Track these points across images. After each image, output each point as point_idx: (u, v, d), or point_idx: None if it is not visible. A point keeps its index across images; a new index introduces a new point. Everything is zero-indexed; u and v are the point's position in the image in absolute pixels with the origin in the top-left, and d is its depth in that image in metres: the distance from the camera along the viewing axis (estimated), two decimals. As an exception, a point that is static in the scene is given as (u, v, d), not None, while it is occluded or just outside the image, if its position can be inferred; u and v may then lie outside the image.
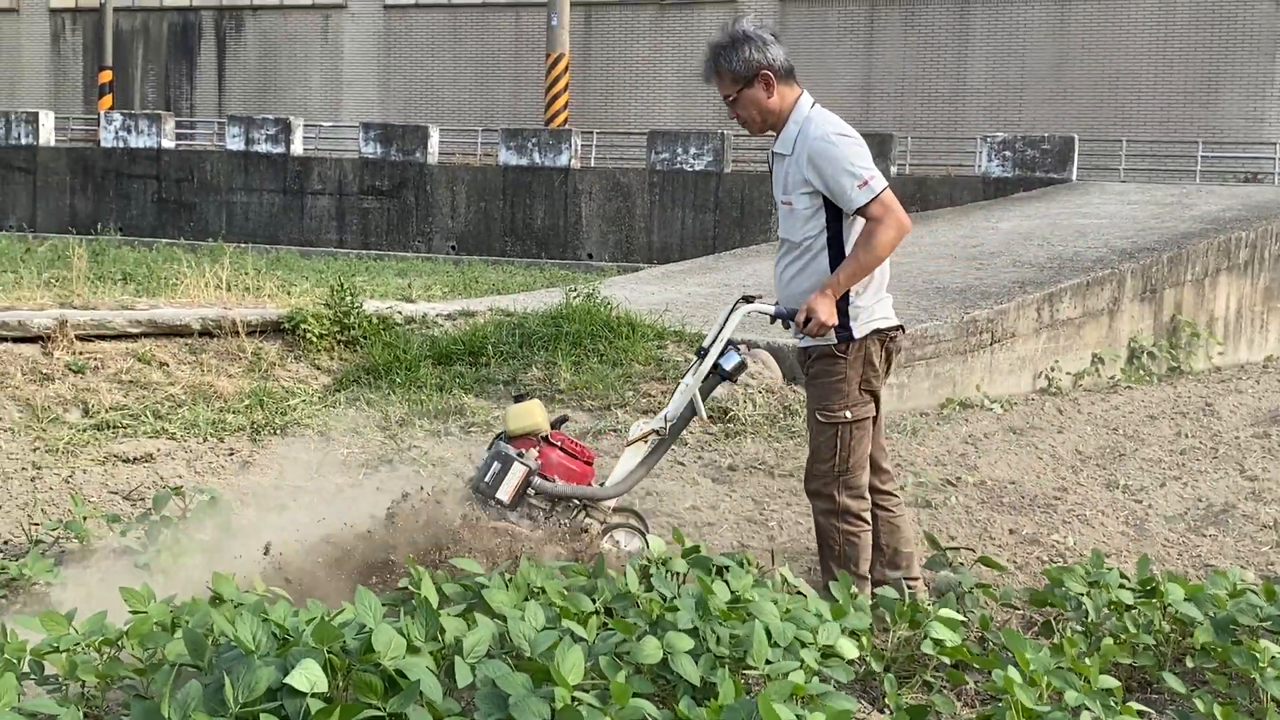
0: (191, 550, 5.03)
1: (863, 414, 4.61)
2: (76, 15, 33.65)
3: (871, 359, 4.61)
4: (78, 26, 33.66)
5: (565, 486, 4.93)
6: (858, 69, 26.98)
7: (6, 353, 7.97)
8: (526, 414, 5.07)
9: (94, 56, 32.55)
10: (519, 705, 2.87)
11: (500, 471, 4.87)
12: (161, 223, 23.93)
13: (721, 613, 3.39)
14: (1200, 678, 3.95)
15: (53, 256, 14.91)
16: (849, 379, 4.58)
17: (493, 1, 29.89)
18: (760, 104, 4.68)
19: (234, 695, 2.82)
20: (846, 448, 4.59)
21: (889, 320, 4.68)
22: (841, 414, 4.58)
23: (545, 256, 21.24)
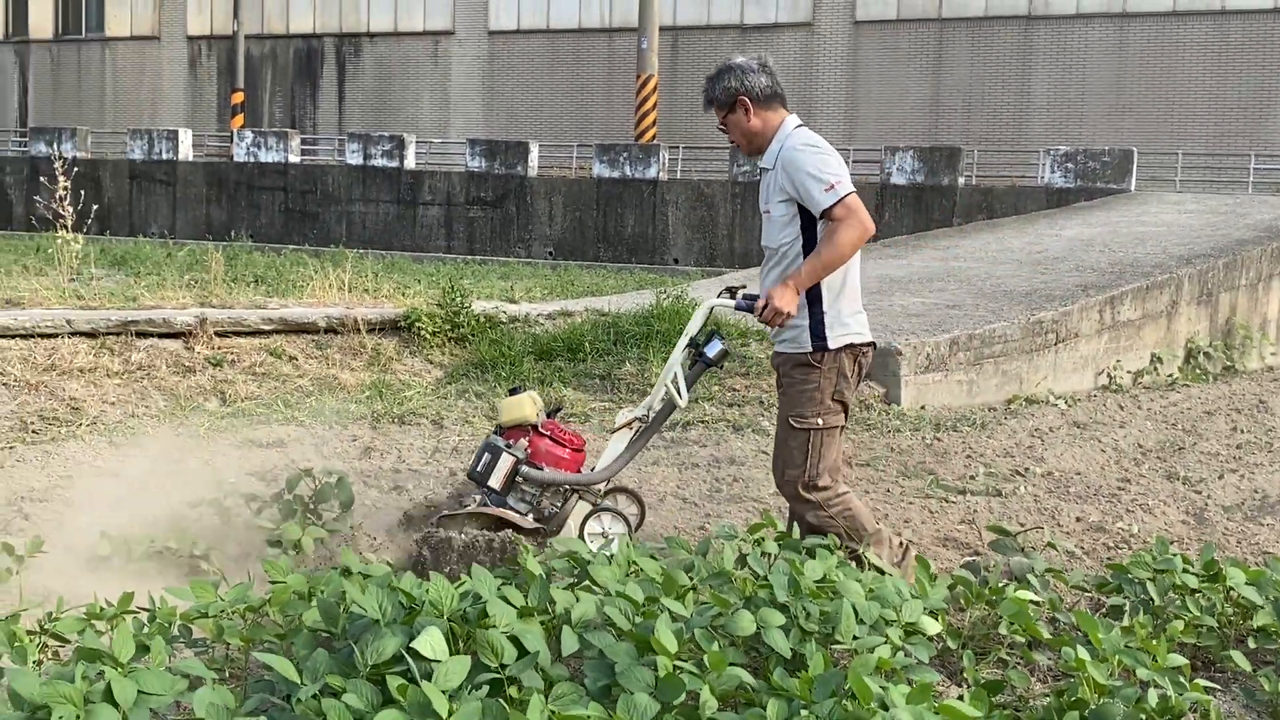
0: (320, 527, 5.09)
1: (833, 422, 4.52)
2: (211, 42, 34.27)
3: (844, 370, 4.51)
4: (212, 52, 34.28)
5: (551, 473, 4.95)
6: (927, 86, 26.68)
7: (153, 347, 8.13)
8: (517, 407, 5.09)
9: (227, 79, 33.14)
10: (625, 673, 2.87)
11: (490, 462, 4.94)
12: (288, 230, 24.30)
13: (811, 591, 3.37)
14: (1262, 658, 3.85)
15: (191, 260, 15.17)
16: (822, 388, 4.49)
17: (588, 27, 29.97)
18: (742, 127, 4.64)
19: (363, 659, 2.85)
20: (817, 453, 4.51)
21: (863, 336, 4.56)
22: (814, 420, 4.49)
23: (635, 261, 21.26)
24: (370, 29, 32.42)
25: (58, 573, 4.48)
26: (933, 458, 6.91)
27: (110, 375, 7.79)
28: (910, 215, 19.49)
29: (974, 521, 5.69)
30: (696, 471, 6.60)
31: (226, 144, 27.48)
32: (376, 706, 2.69)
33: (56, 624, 3.36)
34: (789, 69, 27.56)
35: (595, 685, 2.92)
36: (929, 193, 19.60)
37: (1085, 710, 3.08)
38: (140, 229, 24.82)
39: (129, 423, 7.21)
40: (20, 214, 25.96)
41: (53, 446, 6.72)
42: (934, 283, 11.25)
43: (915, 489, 6.29)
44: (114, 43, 35.47)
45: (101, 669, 2.74)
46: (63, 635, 3.39)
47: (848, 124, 27.04)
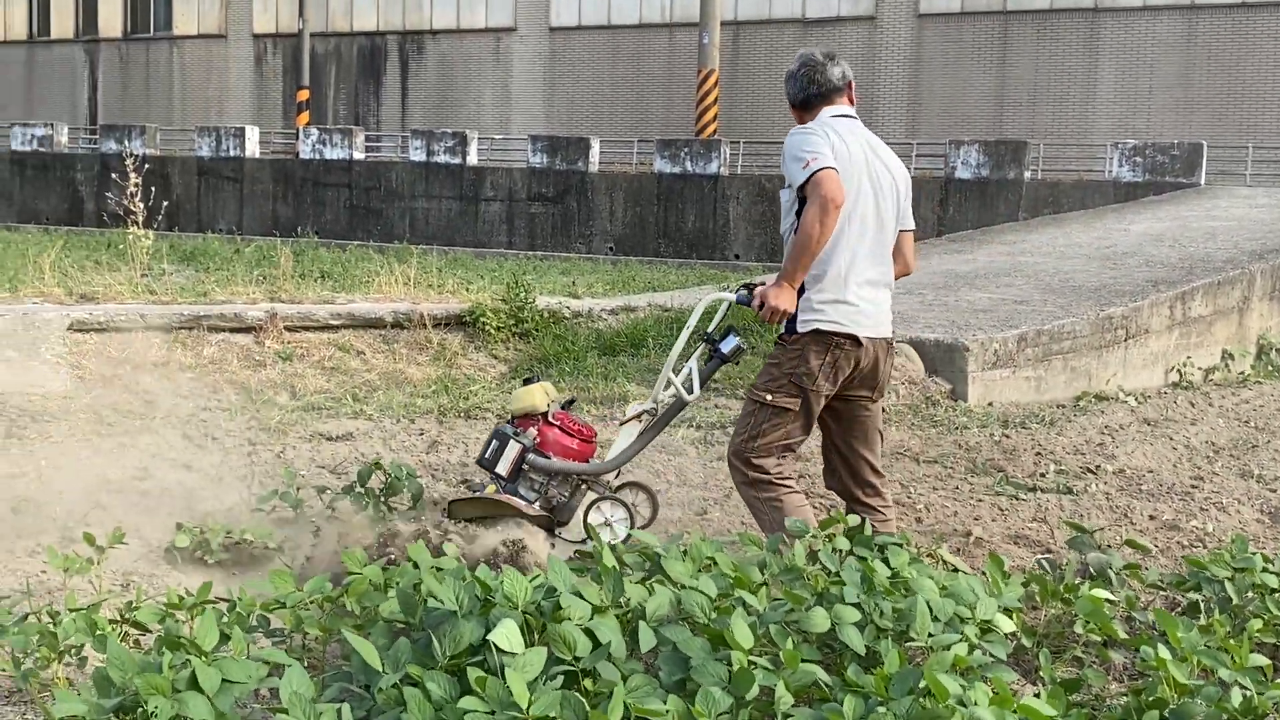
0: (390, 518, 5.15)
1: (782, 403, 4.38)
2: (277, 40, 34.67)
3: (808, 357, 4.36)
4: (278, 50, 34.67)
5: (558, 462, 5.00)
6: (991, 80, 26.41)
7: (225, 341, 8.25)
8: (527, 396, 5.16)
9: (292, 77, 33.50)
10: (699, 667, 2.87)
11: (499, 449, 5.02)
12: (352, 226, 24.53)
13: (885, 587, 3.35)
14: (1344, 660, 3.79)
15: (259, 256, 15.37)
16: (781, 366, 4.40)
17: (649, 22, 29.97)
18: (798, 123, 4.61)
19: (442, 650, 2.88)
20: (758, 428, 4.42)
21: (837, 325, 4.36)
22: (763, 394, 4.41)
23: (695, 257, 21.25)
24: (433, 26, 32.64)
25: (136, 563, 4.56)
26: (1001, 455, 6.84)
27: (183, 369, 7.91)
28: (975, 210, 19.31)
29: (1045, 519, 5.63)
30: (762, 467, 6.57)
31: (292, 141, 27.77)
32: (454, 697, 2.71)
33: (137, 613, 3.42)
34: (851, 63, 27.24)
35: (669, 679, 2.93)
36: (994, 187, 19.41)
37: (1165, 710, 3.05)
38: (208, 225, 25.17)
39: (201, 416, 7.32)
40: (91, 210, 26.41)
41: (127, 439, 6.83)
42: (1001, 278, 11.14)
43: (984, 486, 6.24)
44: (181, 41, 35.98)
45: (187, 658, 2.79)
46: (143, 624, 3.45)
47: (910, 118, 26.84)
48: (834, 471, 4.76)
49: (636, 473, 5.39)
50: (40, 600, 4.22)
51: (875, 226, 4.46)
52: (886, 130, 26.39)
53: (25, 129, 28.33)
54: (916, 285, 10.92)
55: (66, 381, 7.47)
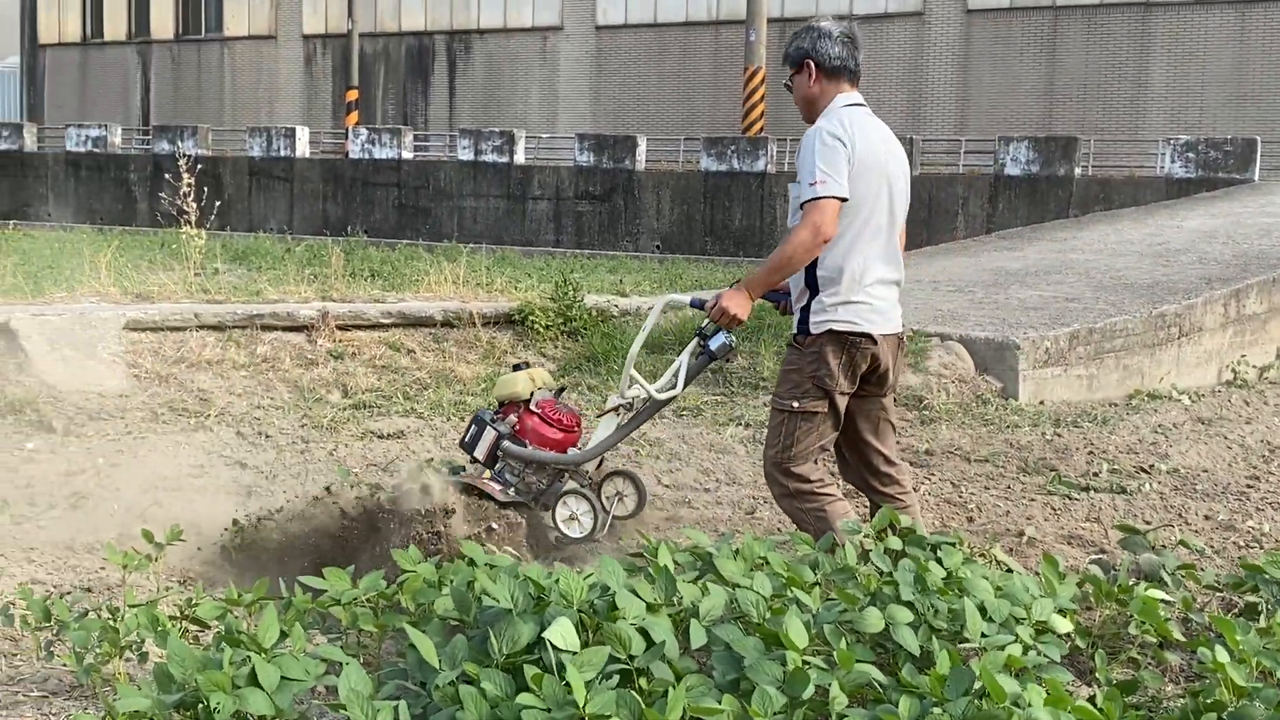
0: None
1: (810, 408, 4.36)
2: (326, 41, 34.93)
3: (826, 358, 4.33)
4: (327, 51, 34.94)
5: (532, 451, 5.08)
6: (1041, 76, 26.17)
7: (278, 340, 8.33)
8: (509, 384, 5.27)
9: (341, 77, 33.75)
10: (754, 667, 2.87)
11: (476, 434, 5.16)
12: (401, 225, 24.68)
13: (939, 588, 3.34)
14: (1406, 664, 3.72)
15: (309, 256, 15.48)
16: (801, 370, 4.36)
17: (695, 20, 29.94)
18: (803, 90, 4.47)
19: (498, 647, 2.89)
20: (790, 436, 4.38)
21: (852, 325, 4.33)
22: (789, 403, 4.38)
23: (742, 254, 21.20)
24: (480, 26, 32.78)
25: (193, 560, 4.62)
26: (1053, 454, 6.79)
27: (236, 367, 7.99)
28: (1025, 207, 19.15)
29: (1099, 519, 5.58)
30: (812, 466, 6.56)
31: (341, 141, 27.98)
32: (510, 694, 2.73)
33: (197, 609, 3.46)
34: (899, 60, 27.26)
35: (723, 678, 2.93)
36: (1044, 184, 19.24)
37: (1223, 712, 3.01)
38: (259, 225, 25.41)
39: (255, 413, 7.39)
40: (144, 210, 26.73)
41: (183, 436, 6.92)
42: (1051, 275, 11.05)
43: (1036, 486, 6.19)
44: (232, 42, 36.34)
45: (247, 654, 2.82)
46: (202, 620, 3.49)
47: (959, 114, 26.66)
48: (848, 465, 4.73)
49: (625, 462, 5.45)
50: (100, 596, 4.29)
51: (888, 226, 4.45)
52: (935, 126, 26.23)
53: (80, 130, 28.72)
54: (966, 283, 10.85)
55: (123, 380, 7.58)
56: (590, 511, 5.06)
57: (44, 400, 7.11)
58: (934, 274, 11.65)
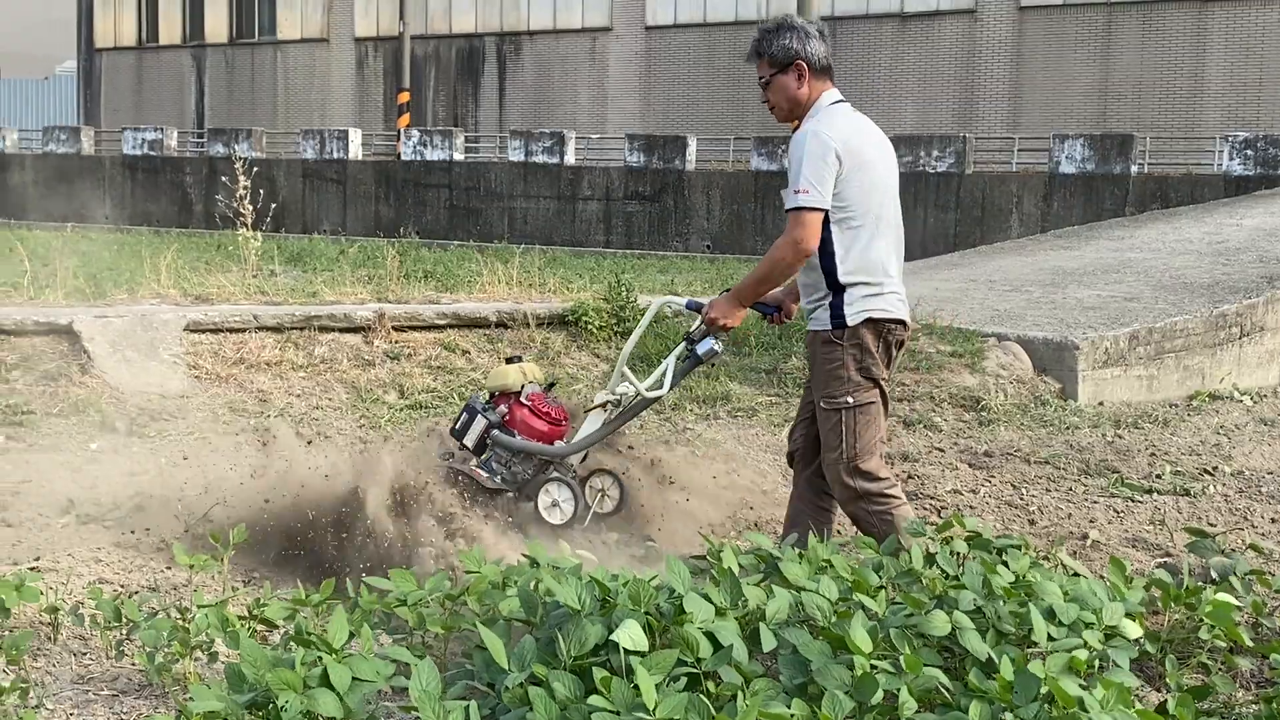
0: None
1: (864, 399, 4.38)
2: (378, 43, 35.19)
3: (867, 346, 4.36)
4: (379, 53, 35.19)
5: (520, 441, 5.19)
6: (1095, 72, 25.89)
7: (335, 341, 8.39)
8: (501, 375, 5.38)
9: (393, 79, 33.97)
10: (821, 671, 2.86)
11: (467, 421, 5.27)
12: (452, 226, 24.81)
13: (1006, 591, 3.31)
14: None
15: (363, 257, 15.57)
16: (846, 364, 4.36)
17: (745, 20, 29.87)
18: (789, 92, 4.46)
19: (566, 649, 2.90)
20: (852, 433, 4.37)
21: (885, 312, 4.38)
22: (843, 400, 4.37)
23: (794, 254, 21.12)
24: (530, 27, 32.89)
25: (259, 559, 4.66)
26: (1114, 455, 6.71)
27: (295, 368, 8.05)
28: (1080, 205, 18.95)
29: (1164, 522, 5.51)
30: (869, 467, 6.52)
31: (392, 143, 28.16)
32: (580, 697, 2.73)
33: (265, 610, 3.49)
34: (951, 57, 27.07)
35: (791, 682, 2.92)
36: (1099, 181, 19.03)
37: (1299, 720, 2.97)
38: (313, 226, 25.63)
39: (314, 414, 7.45)
40: (200, 212, 27.04)
41: (243, 437, 6.98)
42: (1109, 274, 10.93)
43: (1099, 488, 6.12)
44: (285, 45, 36.68)
45: (317, 655, 2.84)
46: (271, 620, 3.52)
47: (1012, 111, 26.43)
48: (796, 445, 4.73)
49: (607, 460, 5.51)
50: (167, 596, 4.33)
51: (895, 218, 4.52)
52: (987, 124, 26.02)
53: (136, 133, 29.09)
54: (1023, 282, 10.76)
55: (184, 381, 7.66)
56: (572, 499, 5.16)
57: (107, 401, 7.20)
58: (989, 273, 11.56)
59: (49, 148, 30.17)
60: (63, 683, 3.65)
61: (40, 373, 7.43)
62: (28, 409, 6.98)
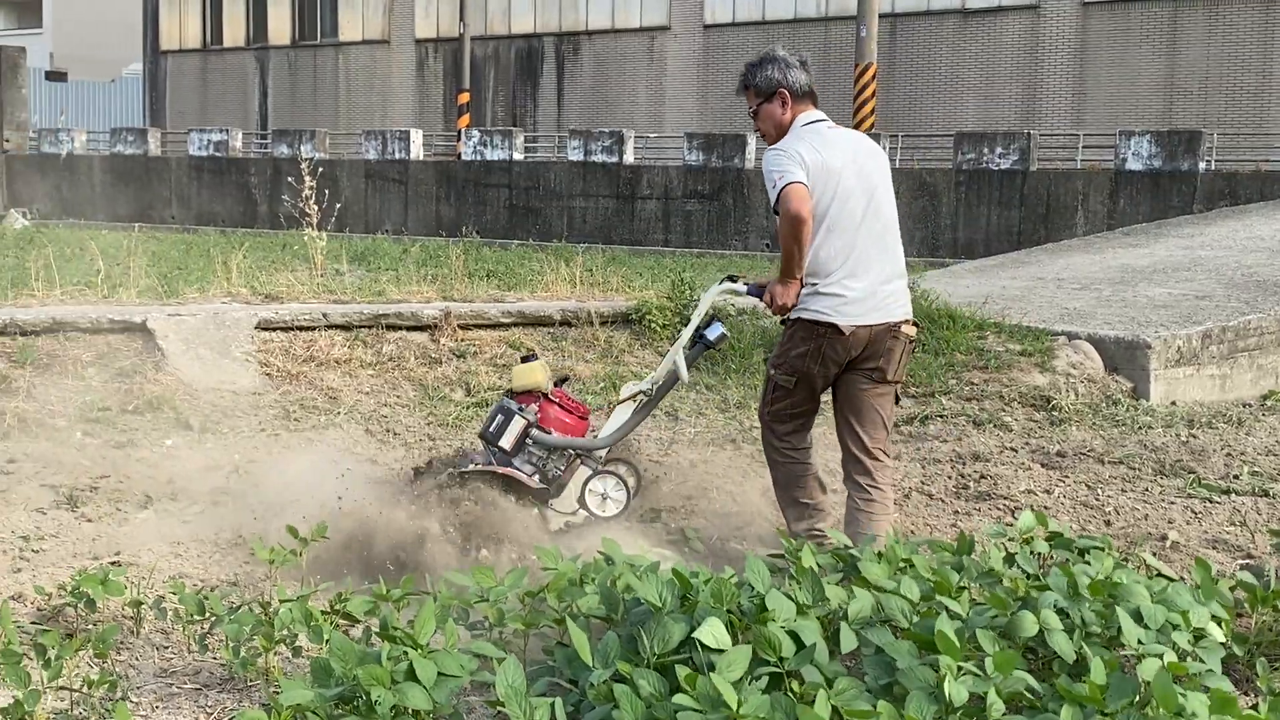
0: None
1: (783, 380, 4.81)
2: (438, 45, 35.38)
3: (797, 342, 4.75)
4: (439, 54, 35.39)
5: (559, 438, 5.19)
6: (1160, 69, 25.50)
7: (403, 340, 8.45)
8: (529, 373, 5.33)
9: (452, 80, 34.13)
10: (907, 672, 2.83)
11: (503, 423, 5.18)
12: (512, 226, 24.88)
13: (1092, 592, 3.26)
14: None
15: (425, 256, 15.67)
16: (782, 343, 4.86)
17: (804, 17, 29.73)
18: (775, 118, 4.85)
19: (649, 647, 2.89)
20: (768, 397, 4.91)
21: (820, 316, 4.68)
22: (770, 369, 4.90)
23: (854, 253, 20.98)
24: (589, 27, 32.92)
25: (335, 556, 4.69)
26: (1189, 456, 6.61)
27: (363, 366, 8.12)
28: (1147, 202, 18.67)
29: (1244, 523, 5.42)
30: (939, 467, 6.47)
31: (452, 143, 28.31)
32: (663, 694, 2.72)
33: (347, 604, 3.51)
34: (1013, 53, 26.78)
35: (875, 682, 2.89)
36: (1166, 179, 18.74)
37: (1397, 727, 2.90)
38: (375, 226, 25.81)
39: (382, 411, 7.50)
40: (264, 212, 27.32)
41: (314, 434, 7.05)
42: (1179, 272, 10.77)
43: (1175, 488, 6.03)
44: (347, 47, 36.97)
45: (404, 649, 2.86)
46: (353, 615, 3.54)
47: (1075, 108, 26.10)
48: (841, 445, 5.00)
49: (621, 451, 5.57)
50: (246, 591, 4.38)
51: (870, 220, 4.72)
52: (1050, 121, 25.73)
53: (202, 135, 29.44)
54: (1092, 280, 10.62)
55: (255, 378, 7.74)
56: (622, 489, 5.21)
57: (180, 398, 7.29)
58: (1057, 271, 11.42)
59: (116, 149, 30.61)
60: (145, 676, 3.69)
61: (116, 370, 7.54)
62: (104, 405, 7.09)
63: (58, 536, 5.10)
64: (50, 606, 4.07)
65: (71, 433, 6.70)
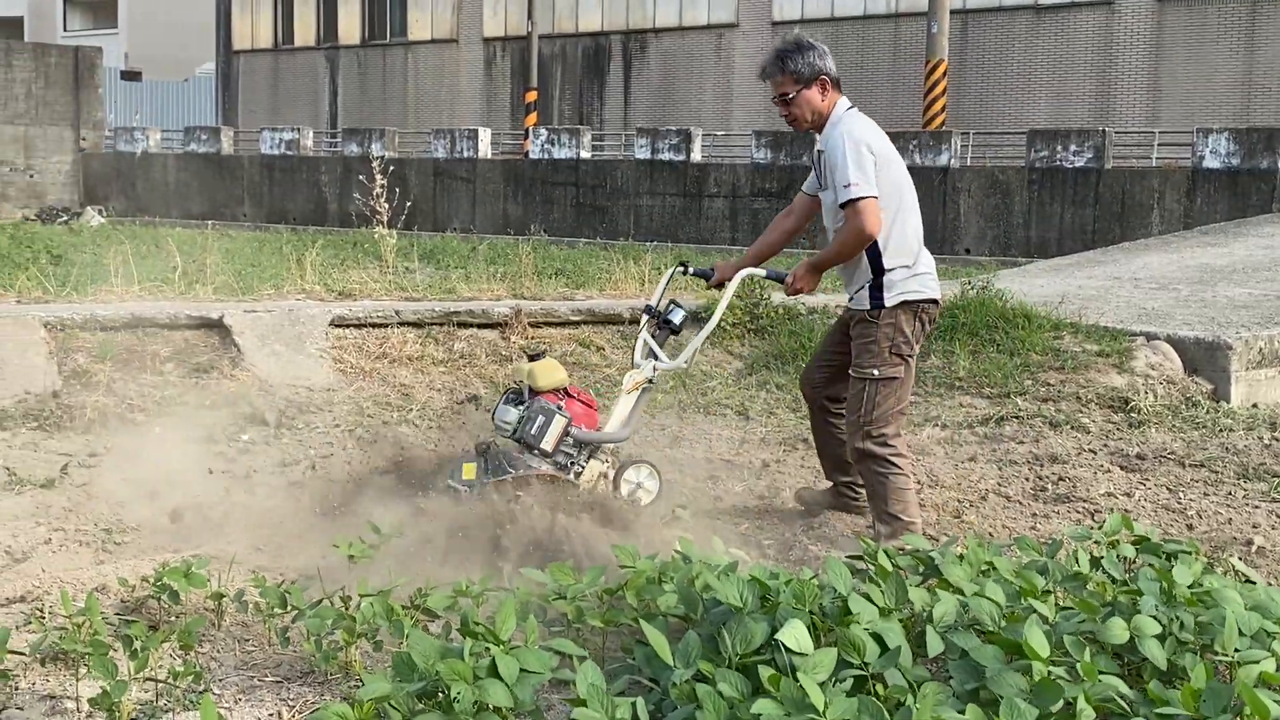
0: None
1: (889, 373, 4.88)
2: (505, 43, 35.55)
3: (901, 326, 4.87)
4: (506, 53, 35.55)
5: (592, 433, 5.16)
6: (1238, 65, 25.02)
7: (473, 337, 8.49)
8: (555, 370, 5.27)
9: (520, 79, 34.29)
10: (995, 677, 2.79)
11: (544, 424, 5.04)
12: (578, 224, 24.94)
13: (1186, 599, 3.19)
14: None
15: (493, 254, 15.76)
16: (879, 341, 4.87)
17: (873, 14, 29.52)
18: (814, 105, 4.97)
19: (730, 647, 2.87)
20: (871, 401, 4.89)
21: (919, 294, 4.92)
22: (870, 371, 4.89)
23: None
24: (656, 25, 32.91)
25: (409, 552, 4.71)
26: (1273, 459, 6.47)
27: (435, 363, 8.17)
28: (1225, 201, 18.32)
29: (1334, 529, 5.30)
30: (1016, 469, 6.39)
31: (519, 141, 28.42)
32: (746, 695, 2.70)
33: (428, 600, 3.53)
34: (1088, 49, 26.40)
35: (962, 687, 2.85)
36: (1245, 177, 18.38)
37: None
38: (443, 224, 25.99)
39: (455, 408, 7.54)
40: (334, 210, 27.60)
41: (385, 430, 7.10)
42: (1260, 272, 10.56)
43: (1259, 492, 5.90)
44: (415, 46, 37.26)
45: (485, 645, 2.86)
46: (433, 610, 3.56)
47: (1150, 105, 25.68)
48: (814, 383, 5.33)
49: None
50: (326, 585, 4.41)
51: (916, 204, 5.04)
52: (1125, 118, 25.34)
53: (274, 133, 29.80)
54: (1170, 280, 10.45)
55: (329, 375, 7.81)
56: (654, 476, 5.27)
57: (256, 393, 7.38)
58: (1134, 271, 11.24)
59: (190, 147, 31.07)
60: (227, 668, 3.73)
61: (193, 365, 7.65)
62: (182, 400, 7.19)
63: (139, 529, 5.17)
64: (134, 598, 4.13)
65: (150, 427, 6.80)
